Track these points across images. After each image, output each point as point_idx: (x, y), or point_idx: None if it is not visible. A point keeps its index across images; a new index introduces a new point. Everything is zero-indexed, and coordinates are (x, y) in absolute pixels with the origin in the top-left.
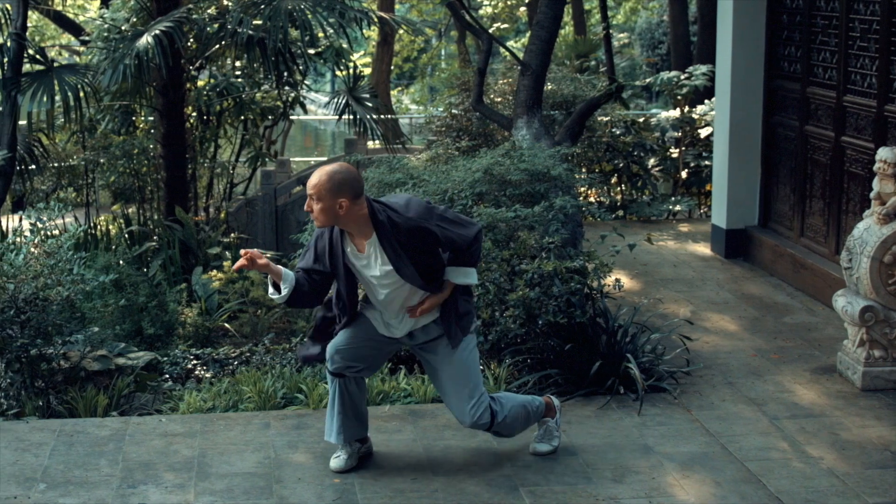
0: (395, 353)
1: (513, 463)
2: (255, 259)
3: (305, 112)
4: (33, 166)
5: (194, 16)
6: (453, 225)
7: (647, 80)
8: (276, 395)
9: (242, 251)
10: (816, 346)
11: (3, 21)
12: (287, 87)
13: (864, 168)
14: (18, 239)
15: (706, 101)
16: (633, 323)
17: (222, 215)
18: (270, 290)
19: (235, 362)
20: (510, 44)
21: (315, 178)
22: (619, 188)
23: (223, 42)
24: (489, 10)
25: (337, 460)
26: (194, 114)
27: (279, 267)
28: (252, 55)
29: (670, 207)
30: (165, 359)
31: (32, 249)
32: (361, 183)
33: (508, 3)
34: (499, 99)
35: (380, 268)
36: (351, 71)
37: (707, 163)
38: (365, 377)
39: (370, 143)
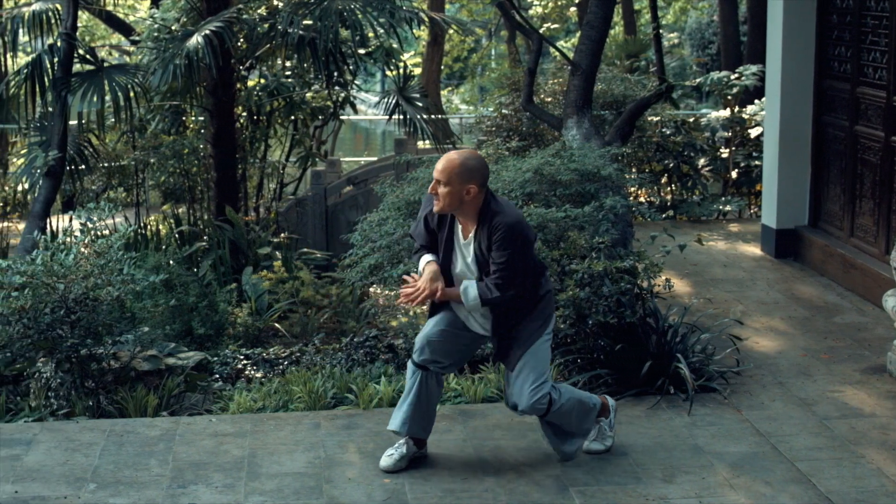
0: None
1: (563, 463)
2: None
3: (356, 112)
4: (83, 166)
5: (244, 16)
6: (515, 258)
7: (697, 80)
8: (326, 395)
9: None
10: (866, 347)
11: (53, 21)
12: (337, 87)
13: None
14: (68, 239)
15: (756, 101)
16: (683, 323)
17: (272, 215)
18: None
19: (285, 362)
20: (560, 44)
21: (445, 163)
22: (669, 188)
23: (273, 42)
24: (539, 10)
25: (389, 459)
26: (244, 114)
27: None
28: (302, 55)
29: (720, 207)
30: (215, 359)
31: (83, 249)
32: (488, 172)
33: (558, 3)
34: (549, 99)
35: (472, 255)
36: (401, 71)
37: (757, 163)
38: (446, 374)
39: (420, 143)
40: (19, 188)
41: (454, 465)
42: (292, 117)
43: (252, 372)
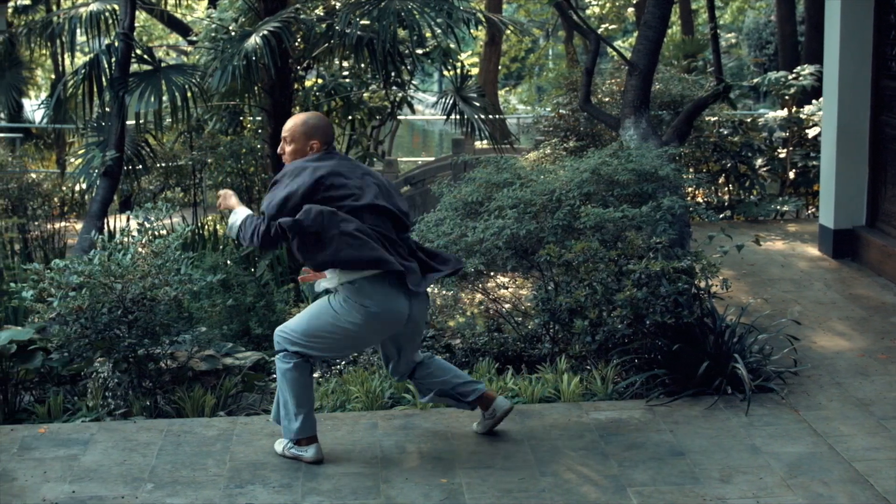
0: (503, 355)
1: (620, 463)
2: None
3: (413, 112)
4: (141, 166)
5: (302, 16)
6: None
7: (755, 80)
8: (383, 395)
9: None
10: None
11: (110, 21)
12: (395, 87)
13: None
14: (126, 239)
15: (814, 101)
16: (741, 323)
17: None
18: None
19: (343, 362)
20: (618, 44)
21: (290, 122)
22: (726, 188)
23: (331, 42)
24: (597, 10)
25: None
26: None
27: None
28: (360, 55)
29: (778, 208)
30: (273, 359)
31: (140, 249)
32: (332, 130)
33: (616, 3)
34: (606, 99)
35: None
36: (458, 71)
37: (815, 163)
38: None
39: (478, 143)
40: (77, 188)
41: (511, 466)
42: (350, 117)
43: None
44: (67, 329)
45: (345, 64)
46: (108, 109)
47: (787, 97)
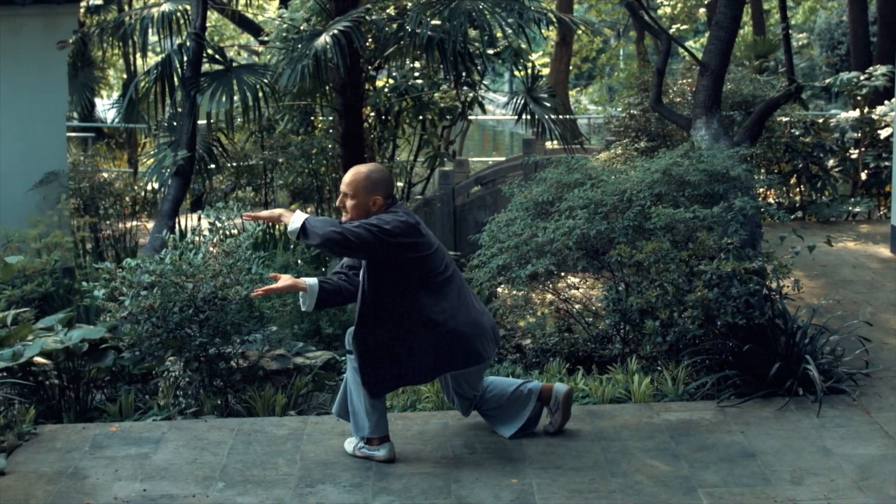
0: (574, 355)
1: (691, 464)
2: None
3: (484, 112)
4: (212, 166)
5: (373, 16)
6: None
7: (827, 81)
8: None
9: (272, 275)
10: None
11: (182, 21)
12: (465, 87)
13: None
14: (197, 238)
15: (886, 101)
16: (812, 324)
17: None
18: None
19: None
20: (689, 44)
21: (352, 176)
22: (798, 189)
23: (402, 42)
24: (668, 10)
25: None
26: (373, 114)
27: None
28: (431, 55)
29: (850, 208)
30: (343, 358)
31: (211, 249)
32: (392, 184)
33: (688, 3)
34: (678, 99)
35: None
36: (529, 71)
37: (887, 164)
38: None
39: (548, 144)
40: (149, 187)
41: (582, 466)
42: (420, 117)
43: None
44: (139, 328)
45: (416, 64)
46: (179, 109)
47: (859, 98)
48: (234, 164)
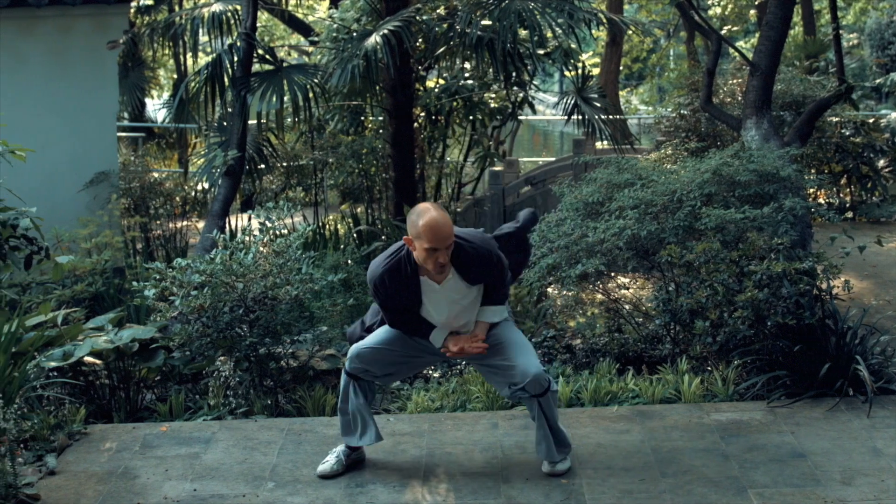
0: (624, 355)
1: (741, 464)
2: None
3: (534, 112)
4: (262, 166)
5: (423, 16)
6: (505, 271)
7: (877, 81)
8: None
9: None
10: None
11: (232, 22)
12: (516, 88)
13: None
14: (247, 238)
15: None
16: (863, 324)
17: (450, 215)
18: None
19: (464, 362)
20: (740, 44)
21: (447, 231)
22: (848, 189)
23: (452, 42)
24: (718, 10)
25: (324, 465)
26: (423, 114)
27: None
28: (481, 56)
29: None
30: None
31: (261, 249)
32: None
33: (738, 3)
34: (728, 99)
35: (460, 293)
36: (579, 71)
37: None
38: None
39: (598, 144)
40: (199, 187)
41: (632, 466)
42: (471, 117)
43: (430, 371)
44: (189, 328)
45: (466, 65)
46: (230, 109)
47: None
48: (285, 163)
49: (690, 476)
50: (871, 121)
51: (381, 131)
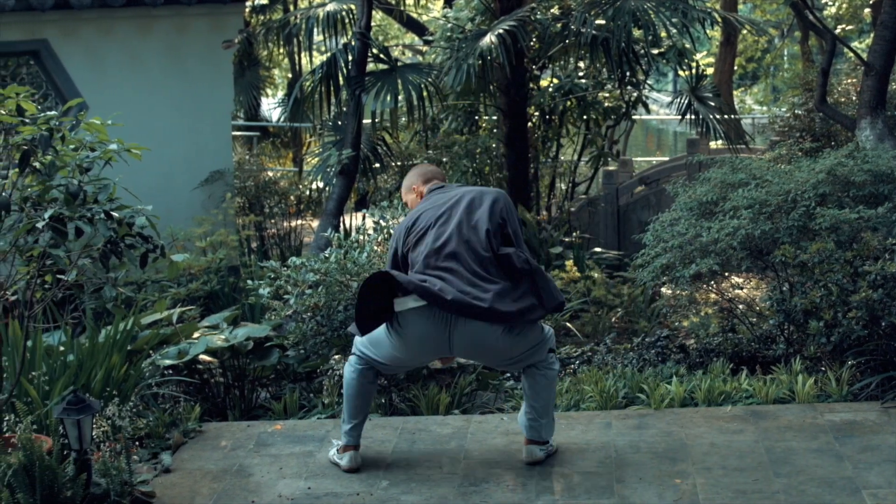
0: (738, 355)
1: (855, 465)
2: None
3: (648, 112)
4: (377, 165)
5: (538, 15)
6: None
7: None
8: (617, 395)
9: None
10: None
11: (347, 21)
12: (630, 87)
13: None
14: (362, 237)
15: None
16: None
17: (564, 215)
18: None
19: (577, 361)
20: (854, 44)
21: (432, 167)
22: None
23: (566, 41)
24: (833, 10)
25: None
26: (537, 113)
27: None
28: (595, 55)
29: None
30: None
31: (376, 247)
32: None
33: (853, 3)
34: (842, 99)
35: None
36: (693, 71)
37: None
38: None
39: (712, 143)
40: (313, 186)
41: (745, 466)
42: (584, 117)
43: None
44: (303, 326)
45: (580, 64)
46: (344, 108)
47: None
48: (399, 163)
49: (804, 476)
50: None
51: (494, 131)
